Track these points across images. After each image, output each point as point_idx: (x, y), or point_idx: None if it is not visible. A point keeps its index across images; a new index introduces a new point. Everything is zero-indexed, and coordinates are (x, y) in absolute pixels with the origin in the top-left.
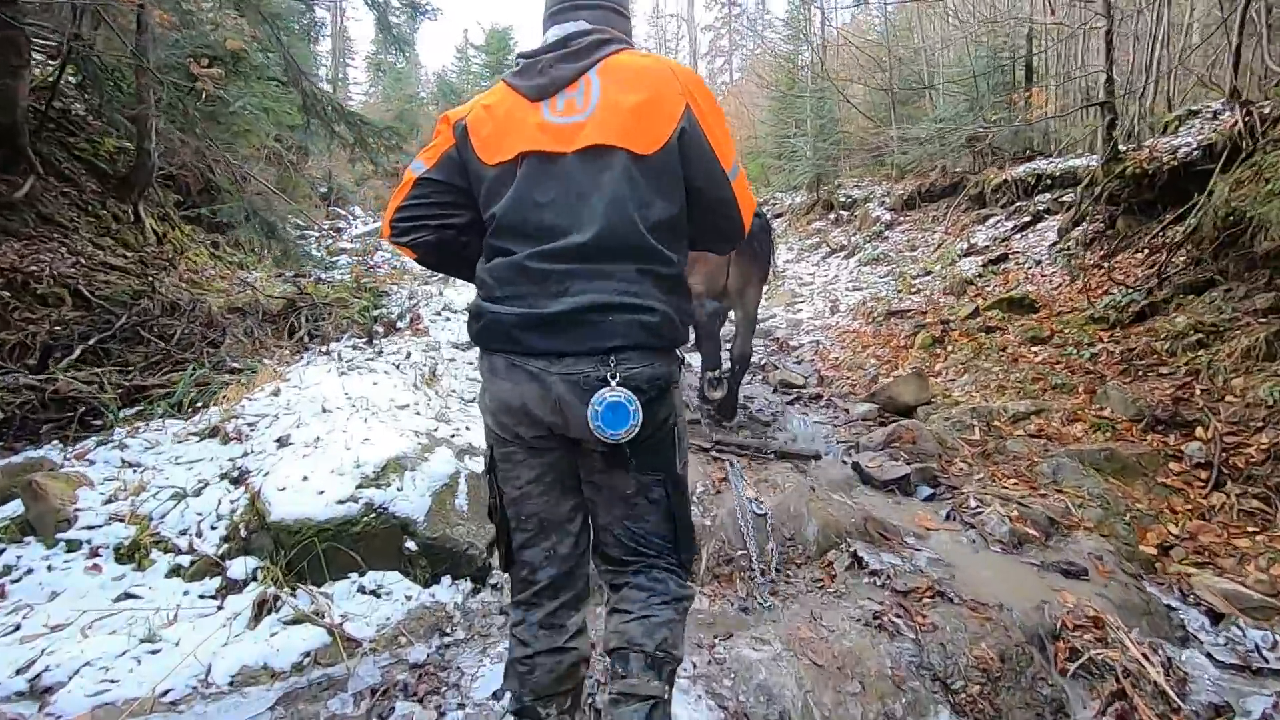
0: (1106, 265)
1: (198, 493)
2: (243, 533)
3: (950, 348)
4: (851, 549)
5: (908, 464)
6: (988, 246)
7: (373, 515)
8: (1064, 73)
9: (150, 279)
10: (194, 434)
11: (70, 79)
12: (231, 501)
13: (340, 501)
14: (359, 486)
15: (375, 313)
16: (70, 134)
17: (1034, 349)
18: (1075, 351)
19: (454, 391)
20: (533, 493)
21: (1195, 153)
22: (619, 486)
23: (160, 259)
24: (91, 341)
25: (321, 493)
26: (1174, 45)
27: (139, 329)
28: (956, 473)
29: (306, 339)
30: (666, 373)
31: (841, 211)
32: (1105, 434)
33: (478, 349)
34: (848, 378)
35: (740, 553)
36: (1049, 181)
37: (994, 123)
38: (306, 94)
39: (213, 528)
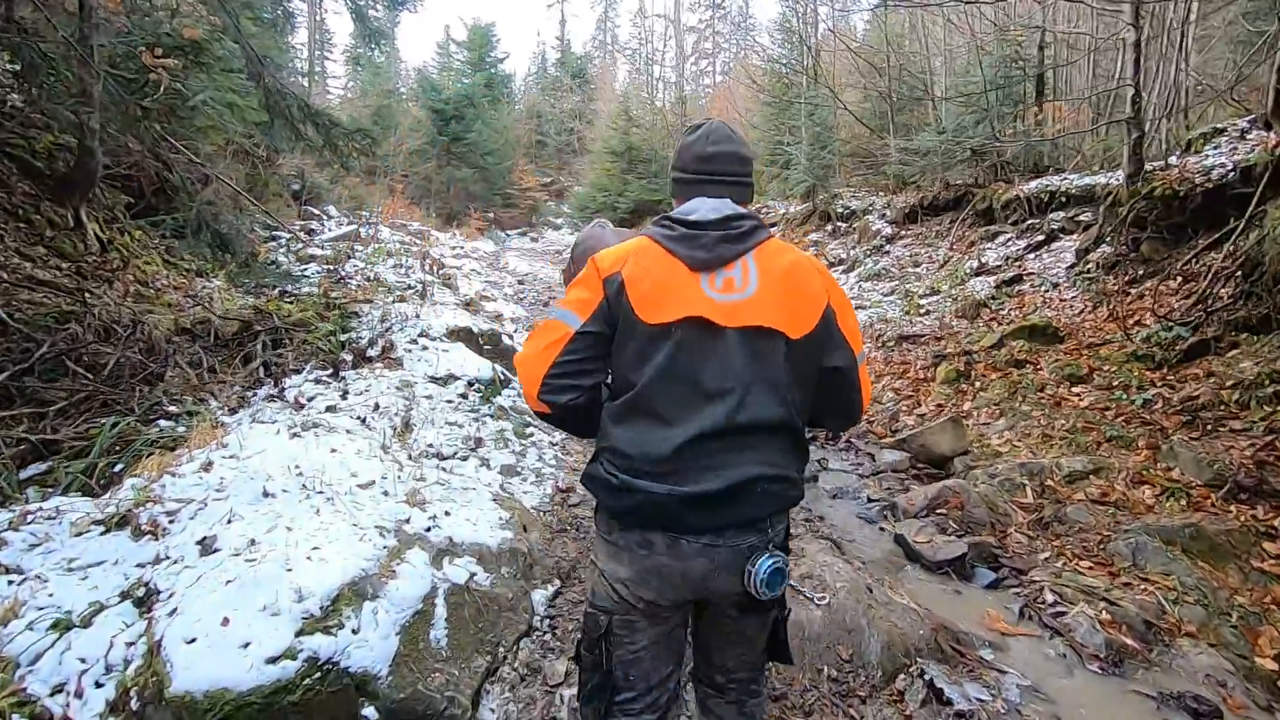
0: (1133, 292)
1: (87, 622)
2: (134, 703)
3: (978, 383)
4: (924, 674)
5: (959, 536)
6: (999, 266)
7: (317, 675)
8: (1085, 86)
9: (84, 295)
10: (99, 522)
11: (9, 66)
12: (128, 644)
13: (272, 660)
14: (300, 633)
15: (344, 337)
16: None
17: (1075, 390)
18: (1124, 396)
19: (431, 448)
20: (645, 658)
21: (1230, 174)
22: (747, 631)
23: (103, 270)
24: (1, 376)
25: (247, 646)
26: (1192, 61)
27: (64, 358)
28: (1016, 548)
29: (262, 371)
30: (789, 521)
31: (839, 223)
32: (1180, 502)
33: (610, 519)
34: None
35: (793, 683)
36: (1063, 199)
37: (1009, 136)
38: (269, 90)
39: (98, 684)
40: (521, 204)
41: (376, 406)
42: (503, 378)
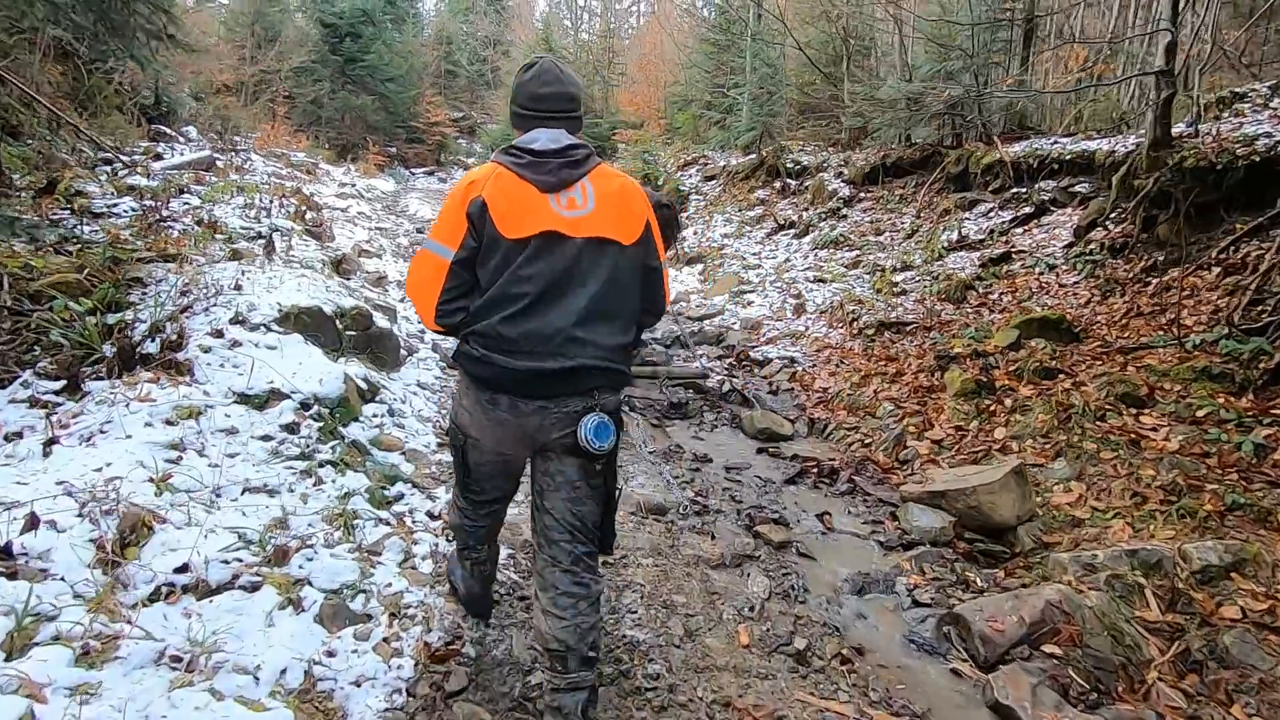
0: (1153, 282)
1: None
2: None
3: (1007, 400)
4: None
5: (1090, 706)
6: (982, 240)
7: None
8: (1088, 33)
9: None
10: None
11: None
12: None
13: None
14: None
15: (113, 319)
16: None
17: (1143, 420)
18: (1221, 436)
19: (181, 574)
20: (492, 471)
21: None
22: (572, 476)
23: None
24: None
25: None
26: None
27: None
28: (1173, 716)
29: None
30: (619, 401)
31: (789, 180)
32: None
33: (466, 377)
34: (854, 429)
35: None
36: (1055, 166)
37: (1007, 86)
38: None
39: None
40: (429, 139)
41: (105, 472)
42: (365, 387)
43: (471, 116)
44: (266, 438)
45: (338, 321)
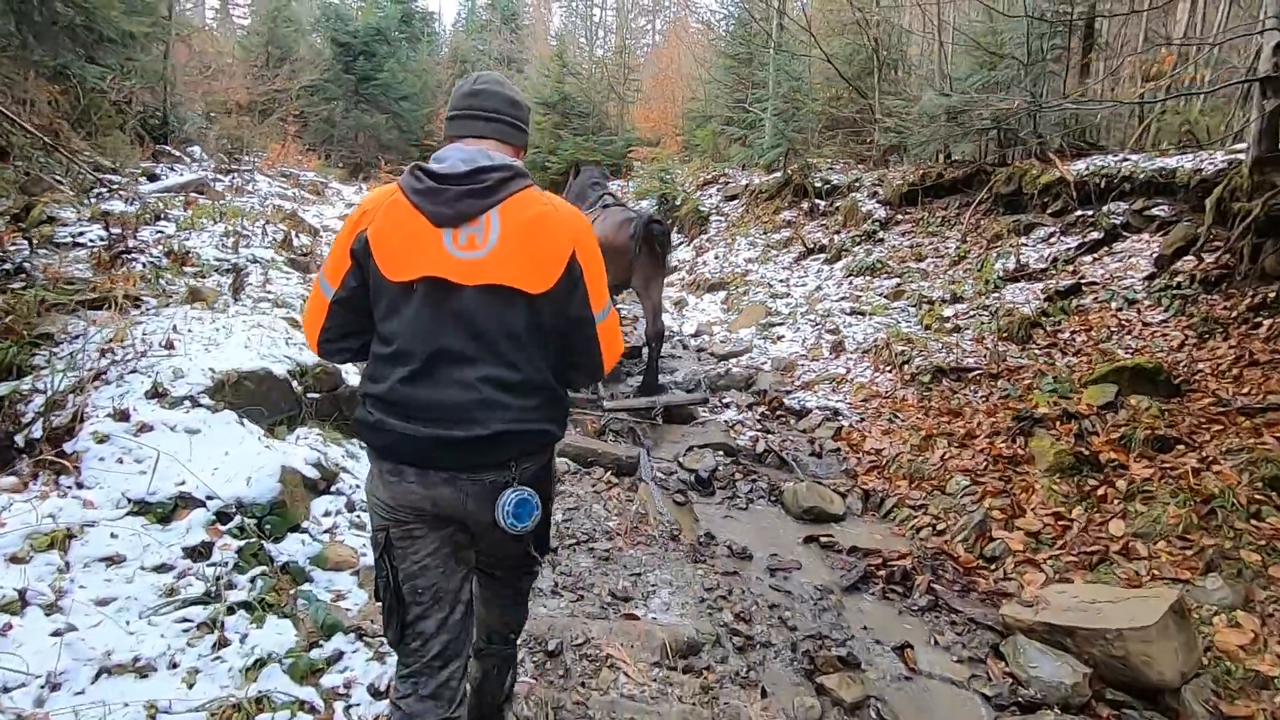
0: (1265, 324)
1: None
2: None
3: (1117, 481)
4: None
5: None
6: (1044, 270)
7: None
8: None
9: None
10: None
11: None
12: None
13: None
14: None
15: (5, 391)
16: None
17: None
18: None
19: None
20: (430, 565)
21: None
22: (507, 546)
23: None
24: None
25: None
26: None
27: None
28: None
29: None
30: (547, 461)
31: (817, 200)
32: None
33: (367, 448)
34: (920, 507)
35: None
36: (1126, 186)
37: (1078, 96)
38: None
39: None
40: None
41: None
42: (317, 475)
43: None
44: (162, 568)
45: (295, 383)
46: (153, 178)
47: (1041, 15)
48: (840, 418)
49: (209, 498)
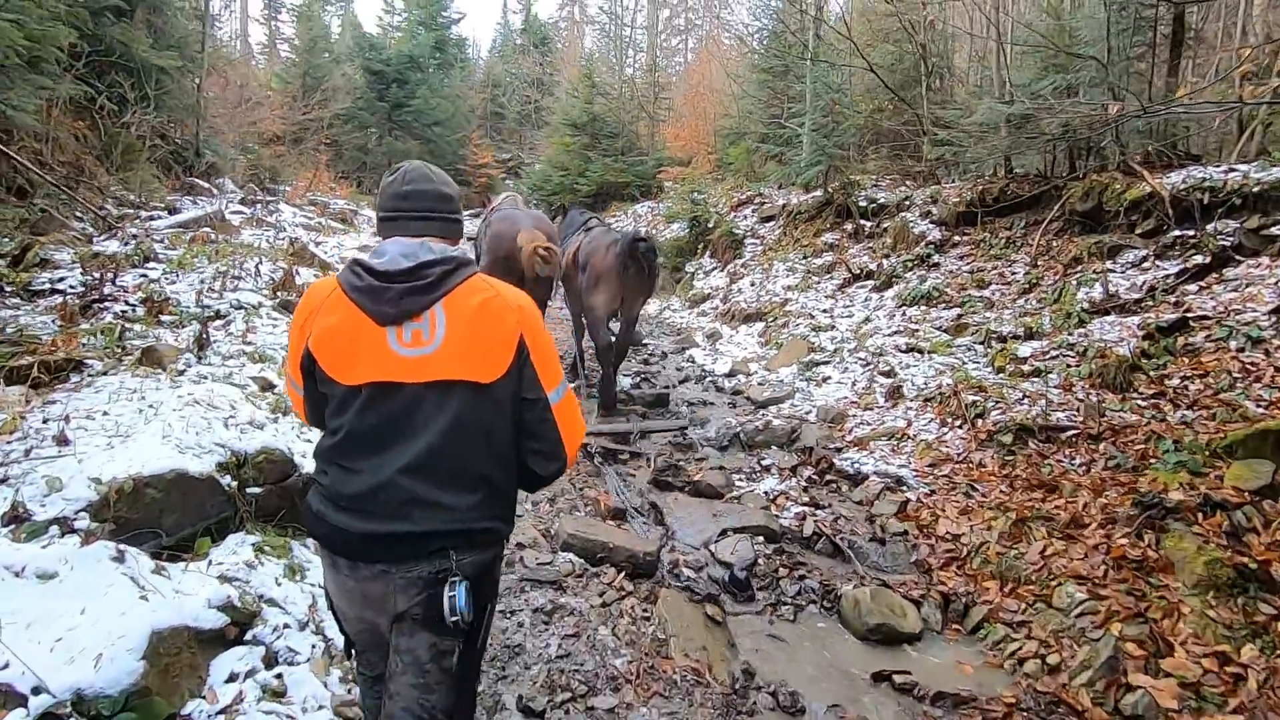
0: None
1: None
2: None
3: None
4: None
5: None
6: (1140, 301)
7: None
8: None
9: None
10: None
11: None
12: None
13: None
14: None
15: None
16: None
17: None
18: None
19: None
20: (364, 639)
21: None
22: (418, 652)
23: None
24: None
25: None
26: None
27: None
28: None
29: None
30: (492, 557)
31: (863, 221)
32: None
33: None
34: (1020, 626)
35: None
36: (1236, 201)
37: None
38: None
39: None
40: (474, 182)
41: None
42: (225, 622)
43: (519, 156)
44: None
45: (229, 478)
46: (174, 211)
47: (1117, 16)
48: (905, 488)
49: (35, 690)
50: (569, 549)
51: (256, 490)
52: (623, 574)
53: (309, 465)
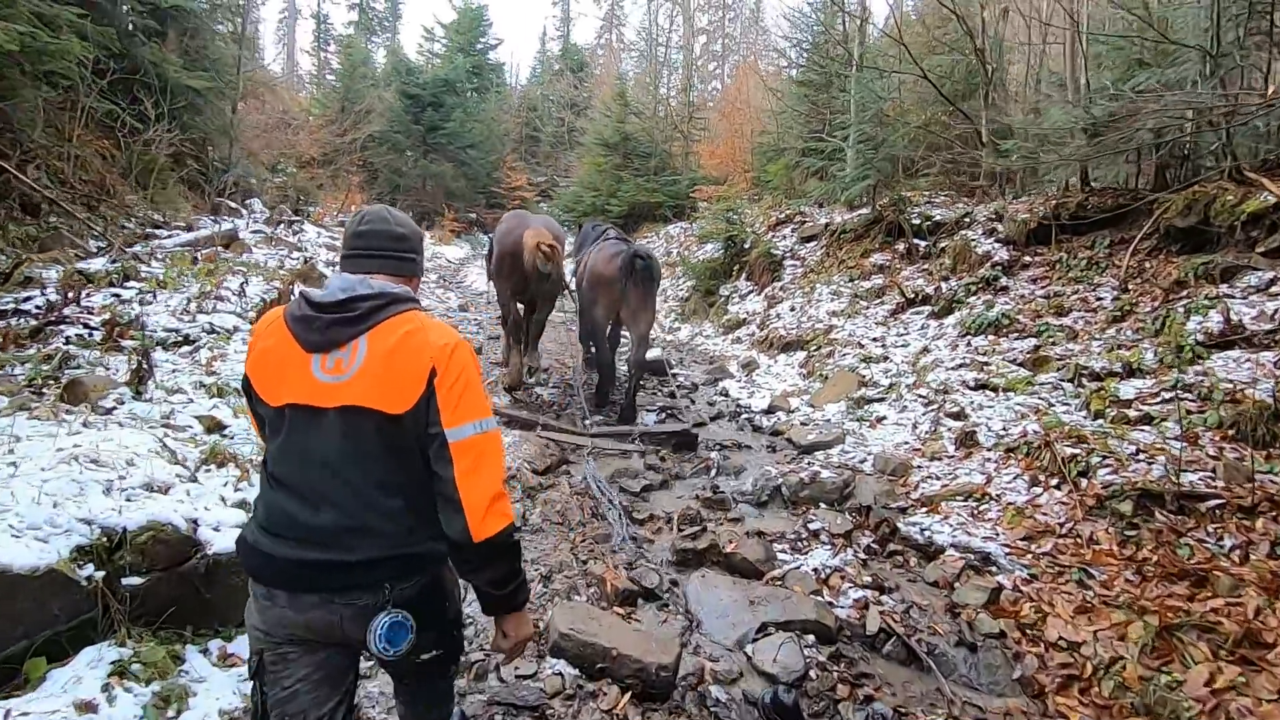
0: None
1: None
2: None
3: None
4: None
5: None
6: (1272, 332)
7: None
8: None
9: None
10: None
11: None
12: None
13: None
14: None
15: None
16: None
17: None
18: None
19: None
20: (300, 691)
21: None
22: (398, 669)
23: None
24: None
25: None
26: None
27: None
28: None
29: None
30: (432, 579)
31: (916, 240)
32: None
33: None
34: None
35: None
36: None
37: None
38: None
39: None
40: (509, 204)
41: None
42: None
43: (553, 179)
44: None
45: (93, 567)
46: (191, 229)
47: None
48: (994, 569)
49: None
50: (560, 654)
51: (136, 581)
52: (628, 695)
53: (224, 540)
